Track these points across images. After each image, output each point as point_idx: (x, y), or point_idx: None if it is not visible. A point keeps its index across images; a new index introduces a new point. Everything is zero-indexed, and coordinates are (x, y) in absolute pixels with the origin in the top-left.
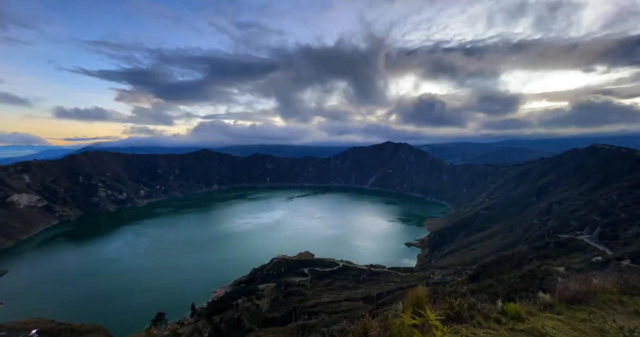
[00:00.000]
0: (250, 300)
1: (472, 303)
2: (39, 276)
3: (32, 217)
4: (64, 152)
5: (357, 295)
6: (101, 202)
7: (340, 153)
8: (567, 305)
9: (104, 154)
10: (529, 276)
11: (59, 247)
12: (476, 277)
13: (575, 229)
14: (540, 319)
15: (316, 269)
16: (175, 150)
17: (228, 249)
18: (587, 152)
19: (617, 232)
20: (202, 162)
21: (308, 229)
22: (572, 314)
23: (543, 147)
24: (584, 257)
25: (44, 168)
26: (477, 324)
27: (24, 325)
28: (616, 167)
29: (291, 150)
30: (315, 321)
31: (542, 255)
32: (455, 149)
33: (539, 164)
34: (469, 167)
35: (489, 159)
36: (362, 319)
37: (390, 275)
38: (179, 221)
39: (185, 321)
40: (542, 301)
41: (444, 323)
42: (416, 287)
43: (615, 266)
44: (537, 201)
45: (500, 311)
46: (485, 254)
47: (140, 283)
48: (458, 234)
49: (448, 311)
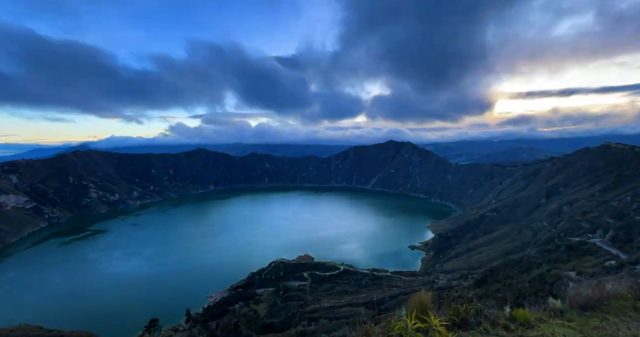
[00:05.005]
0: (248, 305)
1: (478, 309)
2: (26, 281)
3: (20, 219)
4: (53, 152)
5: (359, 300)
6: (92, 204)
7: (341, 152)
8: (578, 311)
9: (95, 153)
10: (539, 281)
11: (47, 251)
12: (483, 281)
13: (586, 231)
14: (550, 326)
15: (316, 273)
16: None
17: (224, 252)
18: (600, 151)
19: (632, 235)
20: (197, 161)
21: (308, 231)
22: (584, 321)
23: (552, 146)
24: (596, 262)
25: (33, 168)
26: (484, 331)
27: (10, 332)
28: (630, 166)
29: (291, 150)
30: (315, 327)
31: (552, 259)
32: (461, 148)
33: (549, 164)
34: (475, 167)
35: (496, 158)
36: (363, 326)
37: (393, 279)
38: (172, 223)
39: (180, 328)
40: (552, 307)
41: (450, 329)
42: (420, 292)
43: (629, 270)
44: (546, 202)
45: (509, 317)
46: (493, 257)
47: (133, 288)
48: (464, 236)
49: (454, 317)
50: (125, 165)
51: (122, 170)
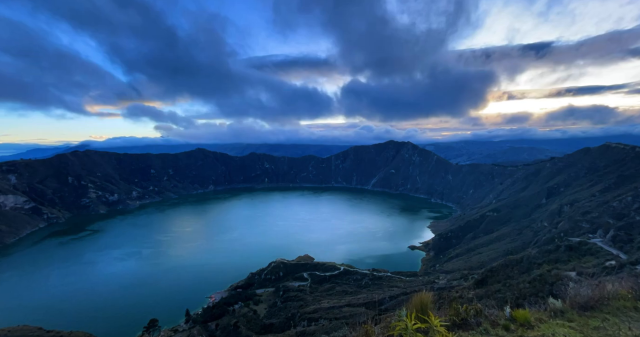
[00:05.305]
0: (248, 305)
1: (479, 309)
2: (25, 281)
3: (19, 219)
4: (52, 152)
5: (359, 300)
6: (91, 204)
7: (341, 152)
8: (579, 312)
9: (94, 153)
10: (539, 281)
11: (46, 251)
12: (483, 282)
13: (587, 231)
14: (550, 327)
15: (316, 274)
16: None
17: (224, 252)
18: (600, 151)
19: (632, 235)
20: (197, 161)
21: (308, 231)
22: (584, 321)
23: (553, 146)
24: (596, 262)
25: (31, 168)
26: (484, 331)
27: (9, 333)
28: (631, 166)
29: (291, 150)
30: (315, 328)
31: (553, 259)
32: (461, 148)
33: (549, 164)
34: (475, 167)
35: (496, 158)
36: (364, 326)
37: (393, 279)
38: (172, 224)
39: (180, 328)
40: (552, 307)
41: (450, 330)
42: (420, 293)
43: (629, 270)
44: (547, 202)
45: (509, 317)
46: (493, 257)
47: (132, 288)
48: (464, 236)
49: (454, 317)
50: (124, 166)
51: (122, 170)
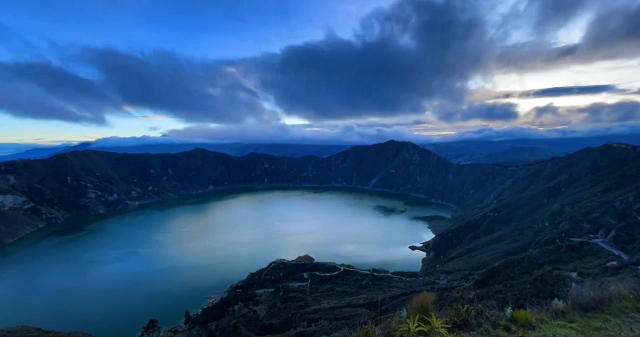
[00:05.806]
0: (247, 306)
1: (479, 310)
2: (24, 281)
3: (18, 219)
4: (51, 152)
5: (359, 301)
6: (91, 204)
7: (341, 152)
8: (580, 312)
9: (94, 153)
10: (540, 282)
11: (45, 251)
12: (484, 282)
13: (588, 232)
14: (552, 327)
15: (316, 274)
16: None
17: (224, 252)
18: (601, 152)
19: (634, 235)
20: (196, 161)
21: (308, 231)
22: (585, 322)
23: (554, 146)
24: (598, 262)
25: (30, 168)
26: (485, 332)
27: (8, 334)
28: (632, 166)
29: (291, 150)
30: (315, 328)
31: (554, 259)
32: (462, 148)
33: (550, 164)
34: (476, 167)
35: (497, 158)
36: (364, 327)
37: (394, 280)
38: (171, 224)
39: (179, 328)
40: (554, 308)
41: (451, 331)
42: (421, 293)
43: (631, 271)
44: (548, 202)
45: (510, 318)
46: (494, 258)
47: (132, 288)
48: (465, 237)
49: (455, 318)
50: (123, 166)
51: (121, 170)
